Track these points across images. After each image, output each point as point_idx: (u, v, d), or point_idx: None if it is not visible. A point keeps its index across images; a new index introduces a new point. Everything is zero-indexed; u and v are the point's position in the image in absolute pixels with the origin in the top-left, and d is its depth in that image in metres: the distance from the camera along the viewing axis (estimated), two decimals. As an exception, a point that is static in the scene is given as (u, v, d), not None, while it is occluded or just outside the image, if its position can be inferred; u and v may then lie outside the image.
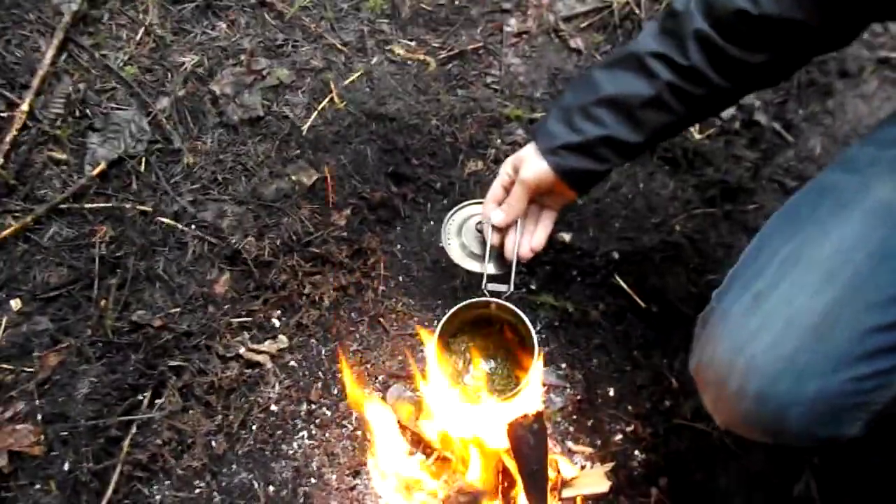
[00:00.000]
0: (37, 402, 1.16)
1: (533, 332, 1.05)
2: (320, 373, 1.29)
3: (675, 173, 1.45)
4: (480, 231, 1.09)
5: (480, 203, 1.10)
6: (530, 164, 0.99)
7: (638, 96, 0.92)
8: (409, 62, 1.54)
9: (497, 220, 1.04)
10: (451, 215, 1.15)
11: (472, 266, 1.11)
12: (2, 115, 1.38)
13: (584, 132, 0.95)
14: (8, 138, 1.35)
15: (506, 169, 1.05)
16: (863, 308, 0.76)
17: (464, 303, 1.08)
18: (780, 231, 0.88)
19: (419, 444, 1.21)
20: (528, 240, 1.06)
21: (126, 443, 1.15)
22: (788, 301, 0.80)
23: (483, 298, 1.07)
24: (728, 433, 1.15)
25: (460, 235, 1.13)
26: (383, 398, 1.26)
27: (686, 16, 0.88)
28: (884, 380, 0.77)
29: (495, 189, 1.06)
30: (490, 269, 1.08)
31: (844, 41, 0.93)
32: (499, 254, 1.08)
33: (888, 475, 1.07)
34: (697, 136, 1.47)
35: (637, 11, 1.61)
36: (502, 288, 1.06)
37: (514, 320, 1.09)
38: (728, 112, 1.49)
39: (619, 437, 1.23)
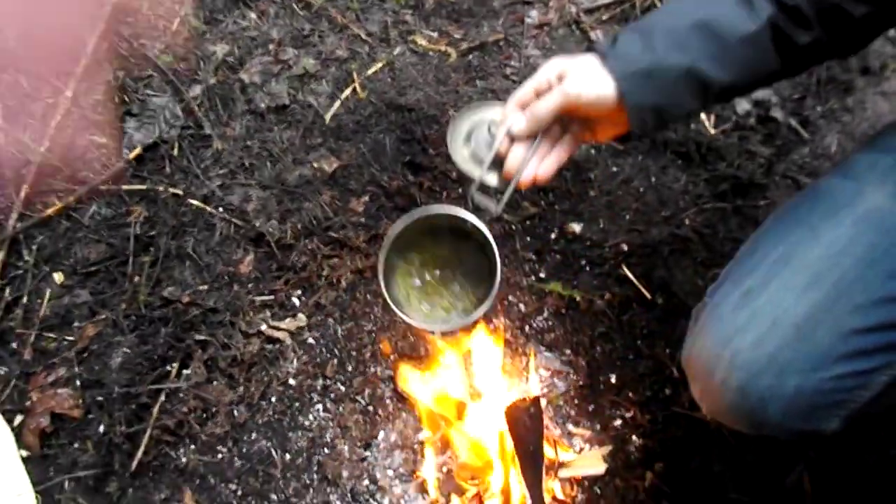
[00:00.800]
0: (76, 368, 1.26)
1: (499, 265, 0.92)
2: (336, 350, 1.36)
3: (688, 167, 1.47)
4: (493, 135, 0.91)
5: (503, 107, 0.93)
6: (588, 78, 0.84)
7: (736, 29, 0.82)
8: (431, 53, 1.58)
9: (516, 128, 0.88)
10: (468, 112, 0.96)
11: (472, 170, 0.93)
12: (49, 100, 1.47)
13: (667, 59, 0.82)
14: (53, 123, 1.44)
15: (547, 73, 0.87)
16: (846, 311, 0.79)
17: (442, 209, 0.94)
18: (775, 232, 0.91)
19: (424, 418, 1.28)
20: (536, 165, 0.90)
21: (155, 409, 1.25)
22: (776, 301, 0.82)
23: (460, 213, 0.93)
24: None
25: (470, 137, 0.95)
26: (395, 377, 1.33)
27: None
28: (863, 380, 0.79)
29: (526, 91, 0.89)
30: (489, 179, 0.92)
31: None
32: (503, 163, 0.91)
33: (883, 473, 1.10)
34: (712, 131, 1.49)
35: (658, 4, 1.62)
36: (491, 204, 0.91)
37: (486, 245, 0.94)
38: (744, 107, 1.50)
39: (618, 422, 1.27)
